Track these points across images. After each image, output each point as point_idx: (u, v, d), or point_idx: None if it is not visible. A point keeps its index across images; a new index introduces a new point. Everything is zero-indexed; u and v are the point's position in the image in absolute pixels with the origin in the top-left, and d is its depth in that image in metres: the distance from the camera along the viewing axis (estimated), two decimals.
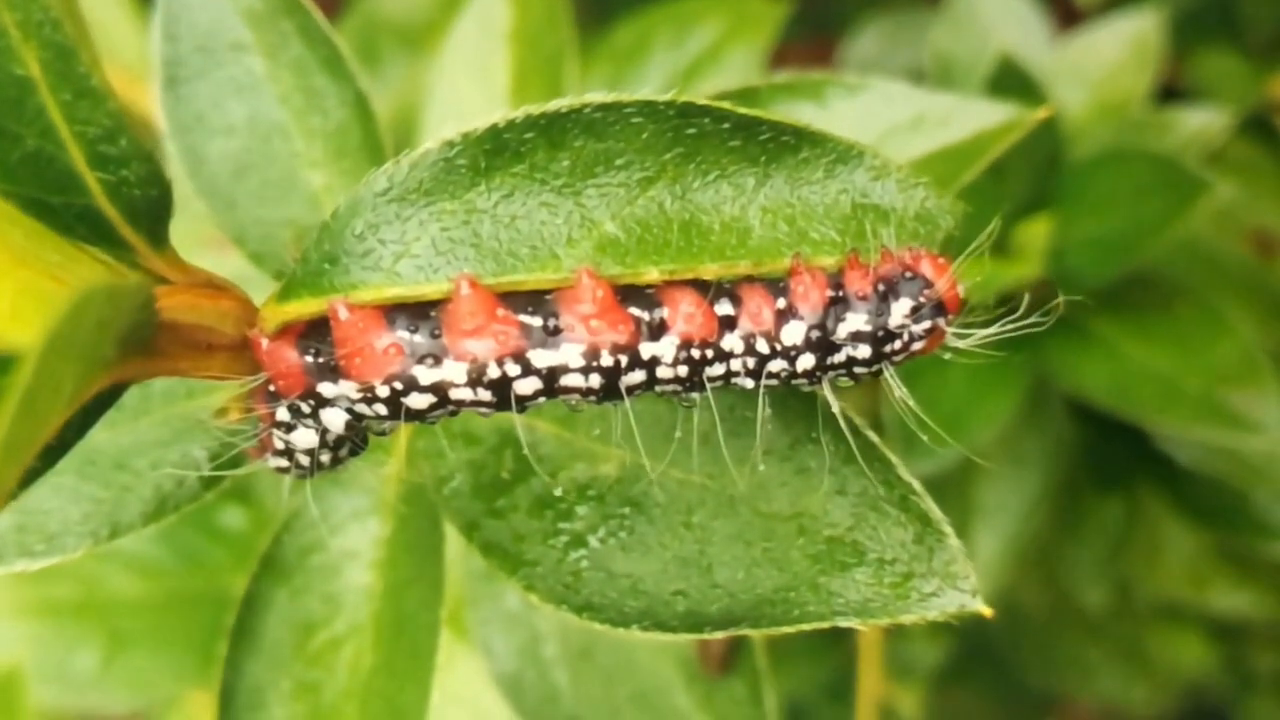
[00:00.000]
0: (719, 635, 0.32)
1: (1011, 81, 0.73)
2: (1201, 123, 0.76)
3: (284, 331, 0.30)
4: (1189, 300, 0.75)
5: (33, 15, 0.24)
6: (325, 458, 0.32)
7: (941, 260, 0.30)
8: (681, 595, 0.33)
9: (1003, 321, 0.32)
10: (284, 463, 0.32)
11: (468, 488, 0.38)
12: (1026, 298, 0.33)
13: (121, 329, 0.22)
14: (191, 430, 0.39)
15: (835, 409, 0.31)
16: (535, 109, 0.28)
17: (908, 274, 0.29)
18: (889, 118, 0.45)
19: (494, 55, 0.70)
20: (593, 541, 0.35)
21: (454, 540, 0.41)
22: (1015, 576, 0.96)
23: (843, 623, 0.31)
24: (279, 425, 0.31)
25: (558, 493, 0.35)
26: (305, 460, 0.32)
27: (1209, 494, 0.90)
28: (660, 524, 0.34)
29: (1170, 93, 0.98)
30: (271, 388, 0.30)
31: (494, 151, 0.29)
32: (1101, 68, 0.85)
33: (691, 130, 0.29)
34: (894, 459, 0.32)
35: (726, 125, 0.29)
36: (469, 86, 0.71)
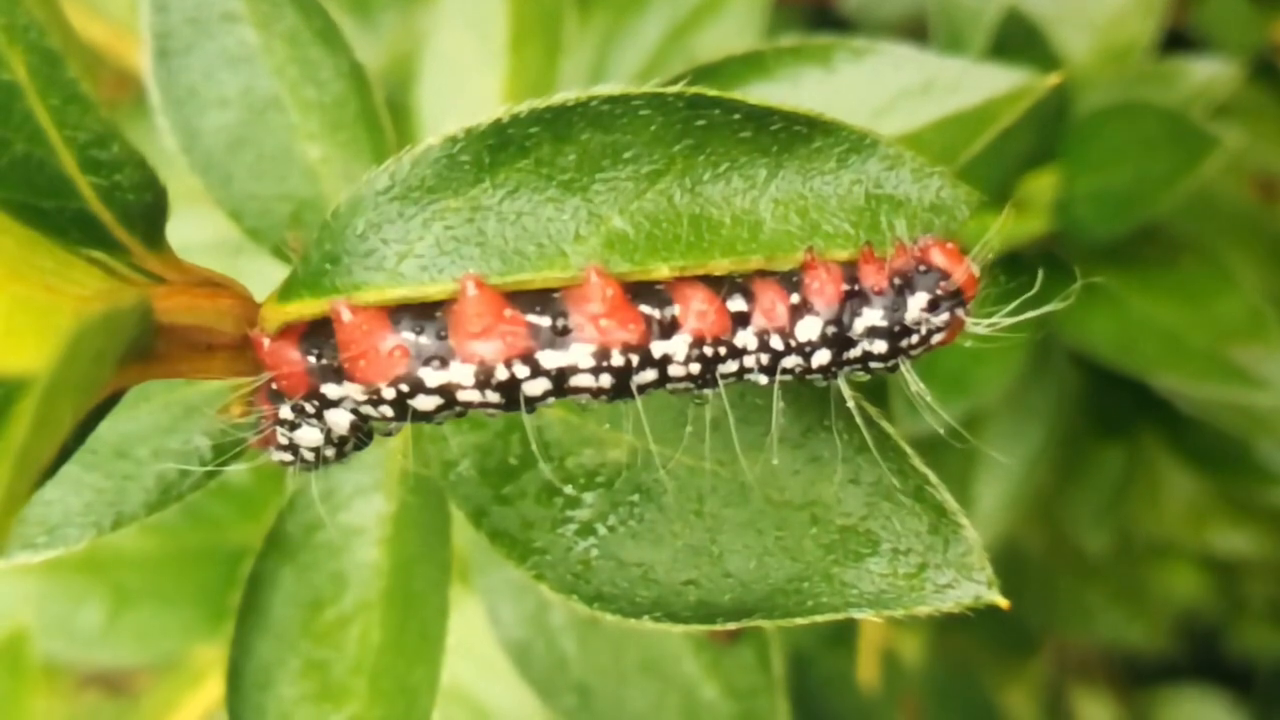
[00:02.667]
0: (731, 626, 0.32)
1: (1018, 33, 0.71)
2: (1209, 74, 0.75)
3: (286, 331, 0.29)
4: (1195, 253, 0.74)
5: (18, 20, 0.23)
6: (330, 453, 0.31)
7: (956, 249, 0.29)
8: (693, 585, 0.33)
9: (1018, 302, 0.31)
10: (288, 457, 0.32)
11: (474, 473, 0.37)
12: (1040, 276, 0.32)
13: (119, 352, 0.22)
14: (192, 416, 0.38)
15: (850, 404, 0.30)
16: (540, 102, 0.27)
17: (923, 266, 0.29)
18: (898, 83, 0.44)
19: (492, 6, 0.68)
20: (601, 529, 0.34)
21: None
22: (1018, 523, 0.96)
23: (857, 614, 0.31)
24: (283, 423, 0.30)
25: (568, 490, 0.34)
26: (310, 456, 0.31)
27: (1210, 441, 0.90)
28: (670, 512, 0.34)
29: (1175, 37, 0.96)
30: (274, 386, 0.30)
31: (498, 147, 0.28)
32: (1106, 12, 0.83)
33: (701, 122, 0.28)
34: (908, 449, 0.31)
35: (737, 116, 0.28)
36: (466, 40, 0.69)
